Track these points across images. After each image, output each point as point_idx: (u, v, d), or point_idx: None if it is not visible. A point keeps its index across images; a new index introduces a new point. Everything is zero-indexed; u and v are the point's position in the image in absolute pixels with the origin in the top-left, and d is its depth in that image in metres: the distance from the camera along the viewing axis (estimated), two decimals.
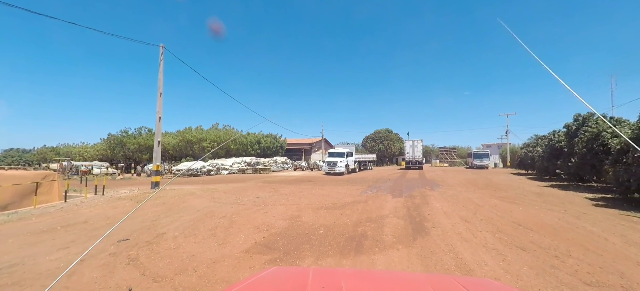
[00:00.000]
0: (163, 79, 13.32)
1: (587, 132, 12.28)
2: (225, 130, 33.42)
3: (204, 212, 8.24)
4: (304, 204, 9.34)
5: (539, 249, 4.75)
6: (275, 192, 12.57)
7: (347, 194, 11.79)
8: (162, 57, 13.18)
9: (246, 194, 11.95)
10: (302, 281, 1.26)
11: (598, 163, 11.54)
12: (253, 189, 13.81)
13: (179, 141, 28.99)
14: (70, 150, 56.33)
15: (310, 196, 11.23)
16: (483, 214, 7.55)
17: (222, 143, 29.89)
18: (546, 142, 18.41)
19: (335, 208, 8.52)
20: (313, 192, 12.66)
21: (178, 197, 11.17)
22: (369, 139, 59.56)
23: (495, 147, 56.61)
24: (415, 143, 36.57)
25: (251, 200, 10.38)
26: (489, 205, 8.89)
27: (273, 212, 8.10)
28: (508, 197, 10.82)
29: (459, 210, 8.17)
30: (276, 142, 40.81)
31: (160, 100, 13.26)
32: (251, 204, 9.44)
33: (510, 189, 13.27)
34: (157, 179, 13.17)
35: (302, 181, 18.69)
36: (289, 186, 15.23)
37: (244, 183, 17.29)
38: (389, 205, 9.12)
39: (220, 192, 12.72)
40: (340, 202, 9.67)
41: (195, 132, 30.20)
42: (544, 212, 7.92)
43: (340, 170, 24.70)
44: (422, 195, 11.20)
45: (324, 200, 10.09)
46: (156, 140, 13.20)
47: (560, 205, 8.96)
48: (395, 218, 7.17)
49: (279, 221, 6.86)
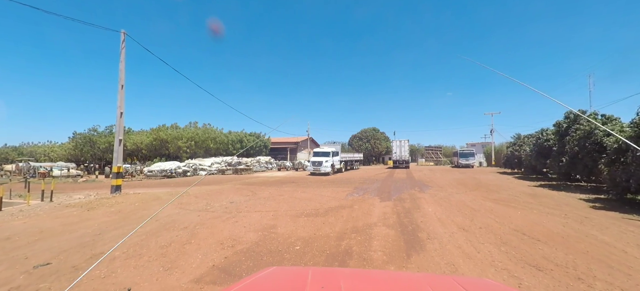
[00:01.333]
0: (125, 70, 11.88)
1: (579, 130, 12.00)
2: (204, 128, 31.55)
3: (164, 221, 7.09)
4: (282, 210, 8.35)
5: (556, 267, 4.01)
6: (253, 196, 11.49)
7: (331, 197, 10.89)
8: (124, 45, 11.74)
9: (220, 198, 10.81)
10: (301, 281, 1.25)
11: (590, 162, 11.24)
12: (229, 192, 12.65)
13: (152, 140, 27.03)
14: (34, 149, 52.40)
15: (290, 200, 10.25)
16: (481, 220, 6.85)
17: (200, 142, 28.30)
18: (534, 140, 18.31)
19: (317, 215, 7.59)
20: (295, 195, 11.68)
21: (139, 203, 9.89)
22: (356, 138, 59.07)
23: (479, 145, 57.63)
24: (402, 143, 37.56)
25: (223, 205, 9.27)
26: (484, 209, 8.24)
27: (245, 220, 7.07)
28: (502, 199, 10.27)
29: (454, 215, 7.44)
30: (260, 141, 39.36)
31: (121, 93, 11.82)
32: (222, 211, 8.34)
33: (501, 190, 12.82)
34: (118, 182, 11.75)
35: (284, 182, 17.65)
36: (269, 188, 14.16)
37: (221, 185, 16.05)
38: (377, 210, 8.29)
39: (191, 196, 11.50)
40: (323, 207, 8.75)
41: (170, 130, 28.21)
42: (544, 216, 7.33)
43: (325, 170, 23.82)
44: (412, 198, 10.47)
45: (305, 205, 9.14)
46: (117, 139, 11.75)
47: (558, 208, 8.44)
48: (384, 227, 6.32)
49: (249, 234, 5.84)
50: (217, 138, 30.21)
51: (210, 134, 29.82)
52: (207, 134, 29.31)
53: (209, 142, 29.02)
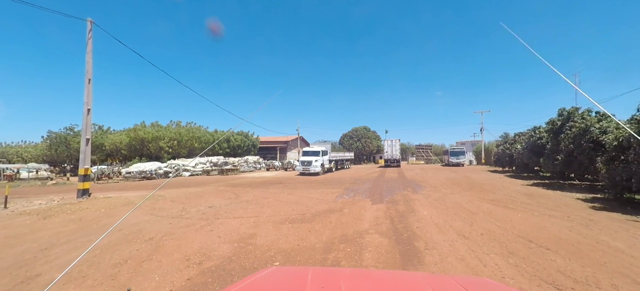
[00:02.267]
0: (92, 62, 10.84)
1: (574, 127, 11.75)
2: (188, 127, 30.20)
3: (128, 231, 6.26)
4: (265, 216, 7.63)
5: (576, 284, 3.46)
6: (236, 199, 10.71)
7: (320, 200, 10.22)
8: (91, 35, 10.70)
9: (199, 202, 9.98)
10: (301, 281, 1.24)
11: (586, 161, 10.99)
12: (210, 195, 11.81)
13: (132, 139, 25.64)
14: (6, 150, 49.59)
15: (275, 203, 9.53)
16: (481, 225, 6.32)
17: (183, 141, 27.08)
18: (526, 138, 18.17)
19: (302, 221, 6.90)
20: (281, 197, 10.96)
21: (106, 209, 8.96)
22: (347, 137, 58.66)
23: (469, 144, 58.19)
24: (393, 143, 38.13)
25: (201, 211, 8.47)
26: (482, 212, 7.75)
27: (222, 228, 6.32)
28: (498, 199, 9.85)
29: (452, 219, 6.90)
30: (248, 140, 38.33)
31: (89, 87, 10.78)
32: (198, 217, 7.55)
33: (496, 189, 12.46)
34: (86, 186, 10.72)
35: (271, 183, 16.88)
36: (254, 190, 13.38)
37: (203, 187, 15.14)
38: (369, 214, 7.67)
39: (167, 200, 10.62)
40: (310, 212, 8.07)
41: (151, 129, 26.79)
42: (546, 219, 6.88)
43: (315, 170, 23.14)
44: (406, 200, 9.92)
45: (291, 209, 8.44)
46: (84, 138, 10.71)
47: (558, 209, 8.04)
48: (377, 235, 5.70)
49: (222, 246, 5.10)
50: (202, 138, 29.00)
51: (195, 133, 28.58)
52: (191, 133, 28.06)
53: (193, 142, 27.81)
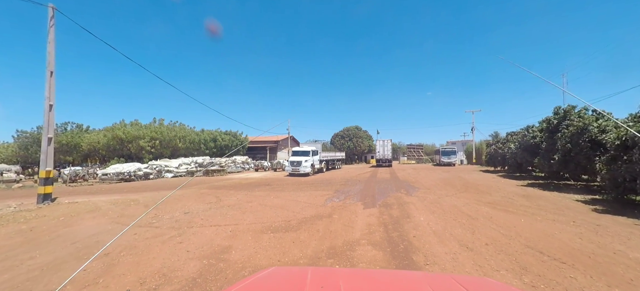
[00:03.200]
0: (55, 53, 9.80)
1: (571, 126, 11.45)
2: (171, 126, 28.83)
3: (83, 245, 5.42)
4: (245, 223, 6.88)
5: None
6: (217, 203, 9.90)
7: (308, 203, 9.53)
8: (53, 22, 9.65)
9: (175, 207, 9.13)
10: (301, 281, 1.24)
11: (584, 160, 10.68)
12: (189, 199, 10.94)
13: (110, 139, 24.22)
14: None
15: (259, 208, 8.78)
16: (484, 232, 5.76)
17: (166, 141, 25.85)
18: (519, 137, 17.99)
19: (287, 230, 6.19)
20: (266, 201, 10.21)
21: (66, 216, 8.01)
22: (338, 136, 58.11)
23: (459, 143, 58.56)
24: (385, 143, 38.63)
25: (174, 217, 7.65)
26: (482, 217, 7.22)
27: (193, 240, 5.54)
28: (496, 202, 9.39)
29: (451, 226, 6.33)
30: (236, 140, 37.23)
31: (51, 81, 9.73)
32: (169, 226, 6.74)
33: (492, 191, 12.05)
34: (48, 190, 9.70)
35: (258, 185, 16.08)
36: (239, 193, 12.57)
37: (184, 190, 14.21)
38: (361, 220, 7.03)
39: (141, 205, 9.72)
40: (296, 218, 7.37)
41: (131, 128, 25.41)
42: (551, 225, 6.39)
43: (305, 170, 22.42)
44: (400, 203, 9.34)
45: (275, 215, 7.72)
46: (45, 137, 9.66)
47: (560, 213, 7.60)
48: (370, 246, 5.05)
49: (189, 264, 4.34)
50: (187, 137, 27.76)
51: (179, 132, 27.30)
52: (174, 132, 26.76)
53: (177, 141, 26.56)
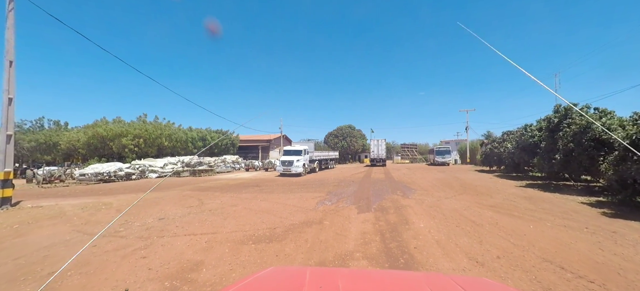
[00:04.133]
0: (15, 40, 8.82)
1: (573, 124, 11.03)
2: (157, 123, 27.55)
3: (27, 261, 4.62)
4: (225, 231, 6.14)
5: None
6: (198, 207, 9.11)
7: (297, 207, 8.83)
8: (12, 6, 8.64)
9: (150, 212, 8.31)
10: (300, 281, 1.25)
11: (587, 160, 10.26)
12: (169, 202, 10.12)
13: (90, 137, 22.94)
14: None
15: (243, 213, 8.03)
16: (492, 242, 5.16)
17: (151, 139, 24.72)
18: (516, 137, 17.63)
19: (270, 240, 5.48)
20: (252, 204, 9.46)
21: (23, 223, 7.12)
22: (332, 136, 57.45)
23: (453, 143, 58.68)
24: (379, 142, 39.15)
25: (146, 224, 6.85)
26: (487, 222, 6.64)
27: (160, 253, 4.78)
28: (499, 205, 8.86)
29: (455, 234, 5.71)
30: (226, 139, 36.22)
31: (10, 72, 8.72)
32: (137, 235, 5.95)
33: (492, 192, 11.56)
34: (7, 193, 8.72)
35: (247, 186, 15.29)
36: (224, 195, 11.77)
37: (166, 191, 13.33)
38: (354, 227, 6.36)
39: (113, 210, 8.87)
40: (283, 225, 6.66)
41: (112, 126, 24.11)
42: (564, 232, 5.84)
43: (297, 170, 21.68)
44: (397, 207, 8.72)
45: (260, 221, 6.99)
46: (4, 134, 8.66)
47: (569, 218, 7.09)
48: (365, 260, 4.38)
49: (145, 288, 3.59)
50: (174, 135, 26.63)
51: (165, 130, 26.11)
52: (160, 130, 25.55)
53: (163, 140, 25.42)
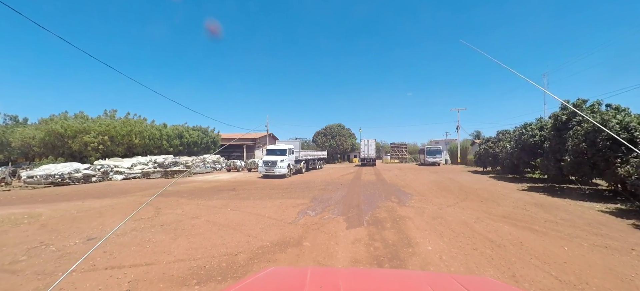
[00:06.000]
0: None
1: (585, 122, 10.01)
2: (126, 119, 24.97)
3: None
4: (166, 261, 4.56)
5: None
6: (150, 220, 7.44)
7: (273, 219, 7.31)
8: None
9: (83, 228, 6.61)
10: (300, 281, 1.25)
11: (602, 162, 9.24)
12: (117, 212, 8.38)
13: (46, 134, 20.39)
14: None
15: (203, 229, 6.44)
16: (528, 276, 3.84)
17: (118, 137, 22.46)
18: (515, 136, 16.74)
19: (225, 277, 3.95)
20: (219, 215, 7.86)
21: None
22: (320, 134, 56.03)
23: (442, 142, 58.48)
24: (370, 142, 39.70)
25: (66, 247, 5.19)
26: (510, 242, 5.34)
27: None
28: (511, 215, 7.64)
29: (476, 263, 4.37)
30: (206, 137, 34.07)
31: None
32: (37, 269, 4.31)
33: (496, 198, 10.41)
34: None
35: (222, 190, 13.61)
36: (190, 202, 10.09)
37: (122, 198, 11.49)
38: (343, 252, 4.91)
39: (36, 224, 7.09)
40: (249, 248, 5.14)
41: (73, 121, 21.56)
42: (610, 257, 4.61)
43: (281, 171, 20.09)
44: (393, 218, 7.34)
45: (220, 242, 5.44)
46: None
47: (601, 234, 5.92)
48: None
49: None
50: (146, 133, 24.34)
51: (135, 127, 23.75)
52: (129, 127, 23.21)
53: (133, 137, 23.12)
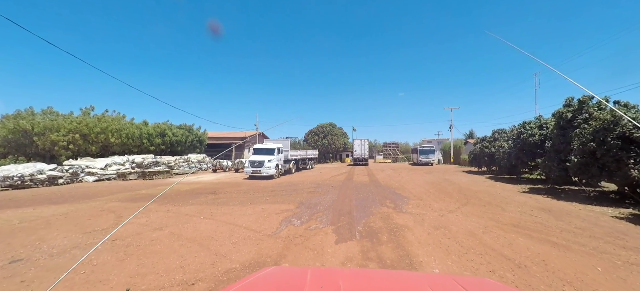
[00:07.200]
0: None
1: (593, 120, 9.35)
2: (101, 116, 23.13)
3: None
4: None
5: None
6: (104, 232, 6.33)
7: (250, 230, 6.30)
8: None
9: (16, 244, 5.46)
10: (301, 281, 1.25)
11: (613, 163, 8.58)
12: (70, 221, 7.21)
13: (9, 132, 18.63)
14: None
15: (163, 245, 5.38)
16: None
17: (92, 135, 20.92)
18: (513, 135, 16.14)
19: None
20: (187, 225, 6.80)
21: None
22: (312, 133, 55.00)
23: (435, 142, 58.36)
24: (362, 142, 39.88)
25: None
26: (529, 259, 4.50)
27: None
28: (521, 224, 6.83)
29: None
30: (191, 135, 32.58)
31: None
32: None
33: (500, 202, 9.65)
34: None
35: (201, 193, 12.47)
36: (160, 208, 8.95)
37: (82, 203, 10.24)
38: None
39: None
40: (213, 272, 4.14)
41: (40, 118, 19.89)
42: None
43: (268, 172, 19.00)
44: (390, 228, 6.42)
45: (178, 265, 4.41)
46: None
47: (628, 247, 5.13)
48: None
49: None
50: (123, 131, 22.77)
51: (111, 124, 22.10)
52: (104, 124, 21.55)
53: (109, 135, 21.54)
